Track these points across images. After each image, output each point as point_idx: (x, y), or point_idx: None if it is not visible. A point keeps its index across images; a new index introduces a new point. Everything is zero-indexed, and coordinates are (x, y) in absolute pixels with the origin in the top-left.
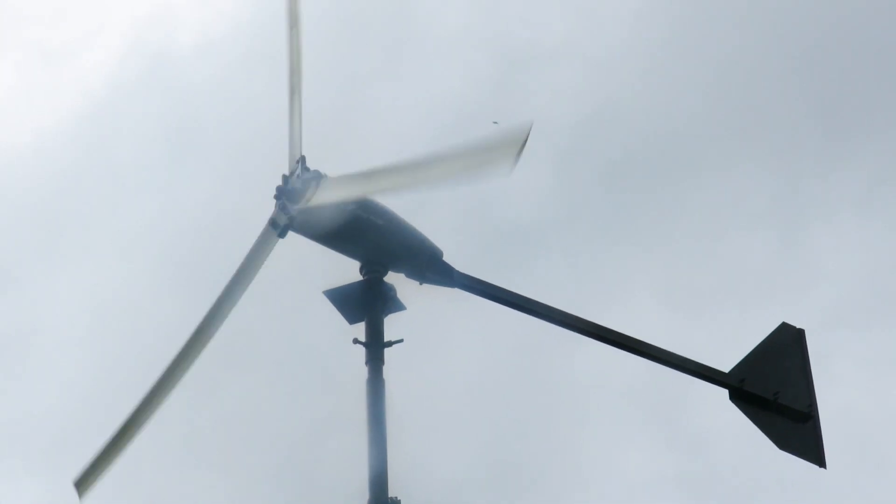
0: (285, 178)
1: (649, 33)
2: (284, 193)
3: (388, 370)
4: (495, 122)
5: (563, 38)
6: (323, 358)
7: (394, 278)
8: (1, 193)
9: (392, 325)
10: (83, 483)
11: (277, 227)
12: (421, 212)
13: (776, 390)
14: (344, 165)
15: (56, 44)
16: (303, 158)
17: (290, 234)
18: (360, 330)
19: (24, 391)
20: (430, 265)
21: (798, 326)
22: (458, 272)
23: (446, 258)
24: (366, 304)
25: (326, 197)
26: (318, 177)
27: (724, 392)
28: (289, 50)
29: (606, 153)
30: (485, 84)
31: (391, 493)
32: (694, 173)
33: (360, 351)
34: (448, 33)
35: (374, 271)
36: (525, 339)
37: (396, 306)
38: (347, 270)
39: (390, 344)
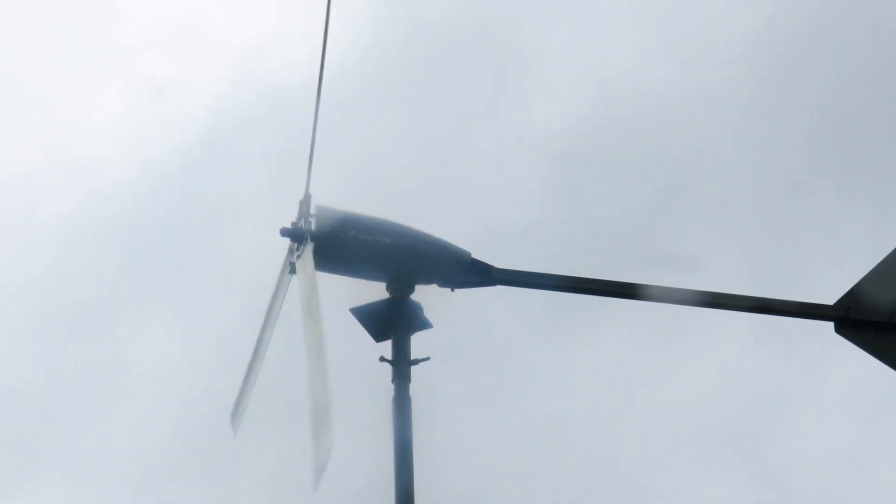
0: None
1: (750, 72)
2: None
3: (414, 388)
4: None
5: (667, 77)
6: (350, 375)
7: (424, 292)
8: (104, 228)
9: (419, 343)
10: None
11: (290, 270)
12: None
13: (892, 310)
14: (446, 207)
15: (164, 76)
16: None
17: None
18: (387, 348)
19: (114, 428)
20: (457, 269)
21: None
22: (496, 269)
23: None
24: (392, 321)
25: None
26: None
27: (807, 416)
28: None
29: (707, 190)
30: (589, 123)
31: None
32: (790, 212)
33: (387, 369)
34: (554, 71)
35: (398, 289)
36: (590, 365)
37: (422, 325)
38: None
39: (416, 362)
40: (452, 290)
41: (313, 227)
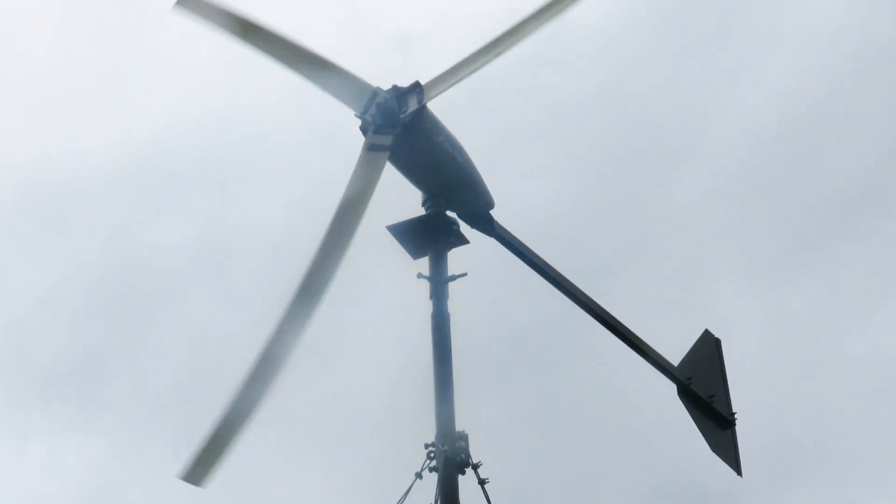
0: (365, 110)
1: None
2: (378, 115)
3: (452, 304)
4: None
5: None
6: (387, 293)
7: None
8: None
9: (455, 259)
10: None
11: (381, 148)
12: None
13: (711, 394)
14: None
15: (411, 27)
16: (378, 88)
17: None
18: (423, 265)
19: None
20: (482, 209)
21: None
22: (498, 224)
23: None
24: (429, 238)
25: (440, 89)
26: (415, 86)
27: None
28: None
29: None
30: (838, 81)
31: (458, 427)
32: None
33: (425, 285)
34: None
35: (437, 205)
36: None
37: (460, 240)
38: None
39: (454, 278)
40: (470, 226)
41: (409, 116)
